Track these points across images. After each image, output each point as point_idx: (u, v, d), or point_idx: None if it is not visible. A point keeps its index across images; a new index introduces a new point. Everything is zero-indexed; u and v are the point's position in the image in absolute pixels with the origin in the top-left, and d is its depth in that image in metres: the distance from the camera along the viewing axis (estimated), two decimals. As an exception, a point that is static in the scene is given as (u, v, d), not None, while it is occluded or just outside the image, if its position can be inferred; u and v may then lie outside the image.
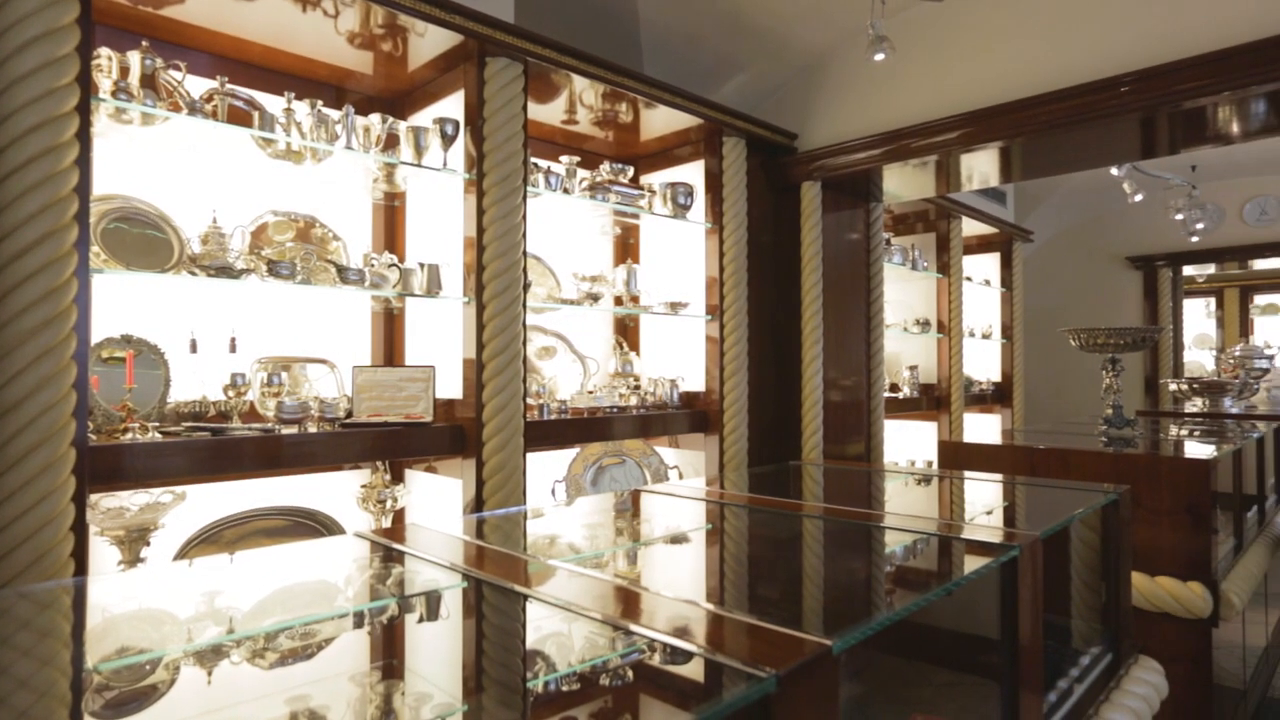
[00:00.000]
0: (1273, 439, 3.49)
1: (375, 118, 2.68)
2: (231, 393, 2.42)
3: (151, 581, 1.34)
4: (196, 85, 2.50)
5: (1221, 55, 2.64)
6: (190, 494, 2.39)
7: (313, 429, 2.47)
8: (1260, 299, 8.13)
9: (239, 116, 2.48)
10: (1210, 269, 7.99)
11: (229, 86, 2.43)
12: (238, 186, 2.67)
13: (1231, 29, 2.68)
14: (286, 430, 2.39)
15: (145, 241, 2.33)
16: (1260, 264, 7.79)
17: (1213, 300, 8.35)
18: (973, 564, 1.26)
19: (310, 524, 2.71)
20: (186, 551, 2.42)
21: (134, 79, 2.19)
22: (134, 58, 2.20)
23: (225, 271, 2.31)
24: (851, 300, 4.31)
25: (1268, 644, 3.33)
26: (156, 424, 2.24)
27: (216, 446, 2.16)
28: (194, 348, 2.49)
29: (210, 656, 0.94)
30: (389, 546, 1.36)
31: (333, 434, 2.44)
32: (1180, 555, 2.24)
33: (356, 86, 2.95)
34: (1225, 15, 2.71)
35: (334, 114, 2.61)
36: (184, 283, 2.42)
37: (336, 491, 2.84)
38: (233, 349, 2.57)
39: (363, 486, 2.84)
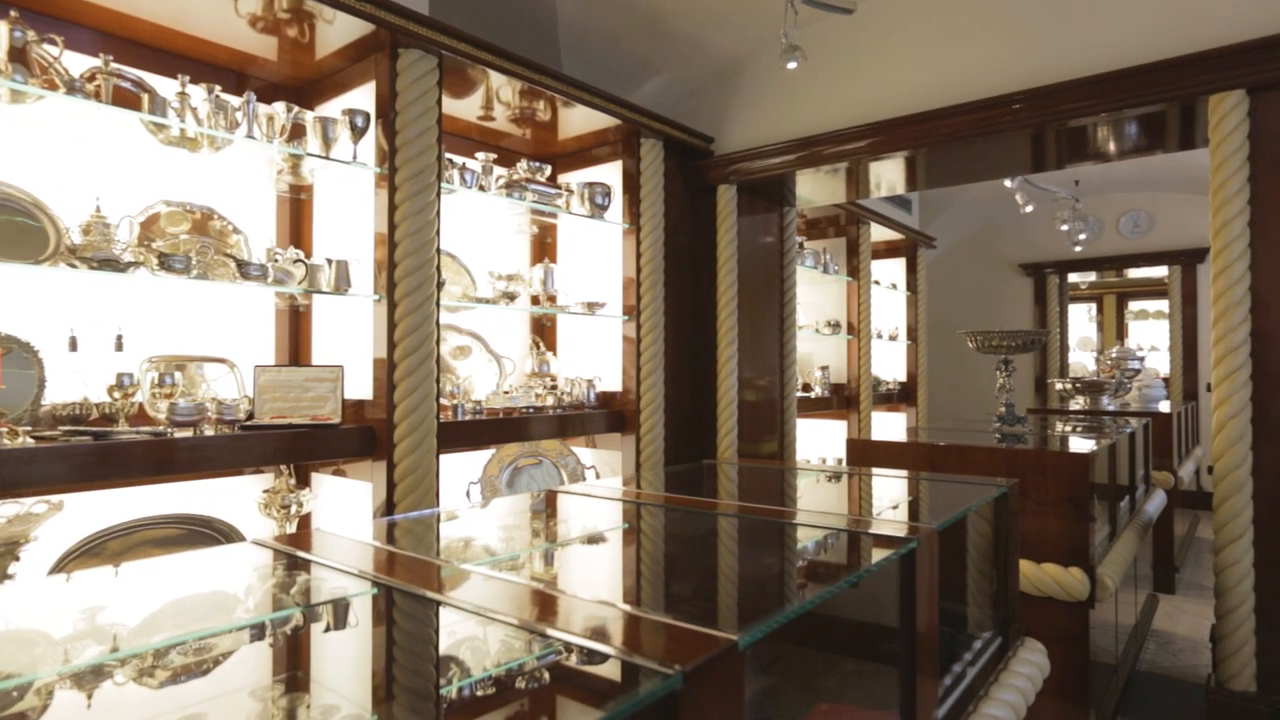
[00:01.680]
0: (1142, 434, 3.79)
1: (279, 106, 2.56)
2: (118, 394, 2.26)
3: (21, 599, 1.24)
4: (77, 63, 2.32)
5: (1100, 79, 2.86)
6: (69, 503, 2.22)
7: (210, 432, 2.34)
8: (1134, 305, 8.82)
9: (126, 99, 2.32)
10: (1091, 276, 8.62)
11: (114, 66, 2.27)
12: (126, 174, 2.50)
13: (1109, 55, 2.90)
14: (180, 433, 2.25)
15: (15, 230, 2.14)
16: (1134, 273, 8.47)
17: (1094, 305, 9.01)
18: (874, 557, 1.31)
19: (207, 532, 2.57)
20: (64, 565, 2.25)
21: (0, 52, 2.01)
22: (0, 29, 2.03)
23: (110, 264, 2.16)
24: (766, 302, 4.42)
25: (1136, 622, 3.62)
26: (29, 428, 2.07)
27: (99, 451, 2.02)
28: (74, 346, 2.32)
29: (90, 678, 0.88)
30: (293, 554, 1.31)
31: (232, 437, 2.32)
32: (1063, 543, 2.41)
33: (259, 73, 2.81)
34: (1103, 42, 2.93)
35: (234, 100, 2.48)
36: (62, 276, 2.24)
37: (237, 497, 2.70)
38: (119, 347, 2.40)
39: (265, 492, 2.71)
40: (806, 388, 5.38)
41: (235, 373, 2.70)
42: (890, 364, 6.61)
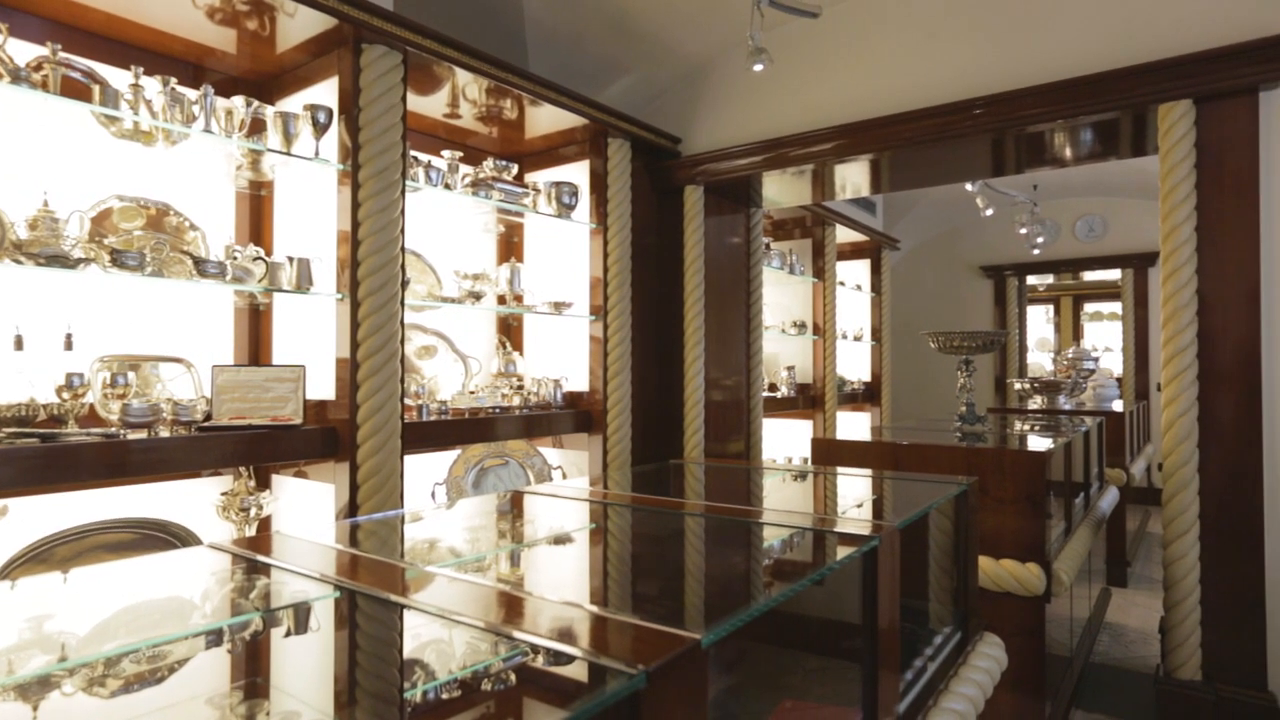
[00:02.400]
0: (1096, 432, 3.90)
1: (239, 100, 2.51)
2: (67, 394, 2.19)
3: (-35, 608, 1.19)
4: (23, 51, 2.24)
5: (1057, 86, 2.94)
6: (15, 508, 2.15)
7: (165, 433, 2.28)
8: (1089, 307, 9.08)
9: (76, 90, 2.25)
10: (1049, 279, 8.84)
11: (63, 55, 2.20)
12: (76, 167, 2.42)
13: (1066, 63, 2.98)
14: (134, 435, 2.19)
15: (-40, 225, 2.07)
16: (1089, 276, 8.71)
17: (1051, 307, 9.24)
18: (837, 555, 1.33)
19: (162, 536, 2.50)
20: (9, 572, 2.17)
21: (-54, 41, 1.94)
22: (-54, 17, 1.95)
23: (59, 260, 2.09)
24: (732, 302, 4.45)
25: (1090, 615, 3.72)
26: (-26, 430, 2.00)
27: (47, 454, 1.95)
28: (19, 345, 2.24)
29: (36, 689, 0.85)
30: (252, 558, 1.28)
31: (188, 438, 2.26)
32: (1021, 539, 2.47)
33: (218, 66, 2.74)
34: (1061, 51, 3.01)
35: (191, 93, 2.42)
36: (7, 272, 2.17)
37: (194, 501, 2.64)
38: (68, 346, 2.33)
39: (224, 494, 2.65)
40: (773, 388, 5.43)
41: (192, 373, 2.63)
42: (855, 364, 6.70)
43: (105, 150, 2.46)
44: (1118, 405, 5.12)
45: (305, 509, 2.72)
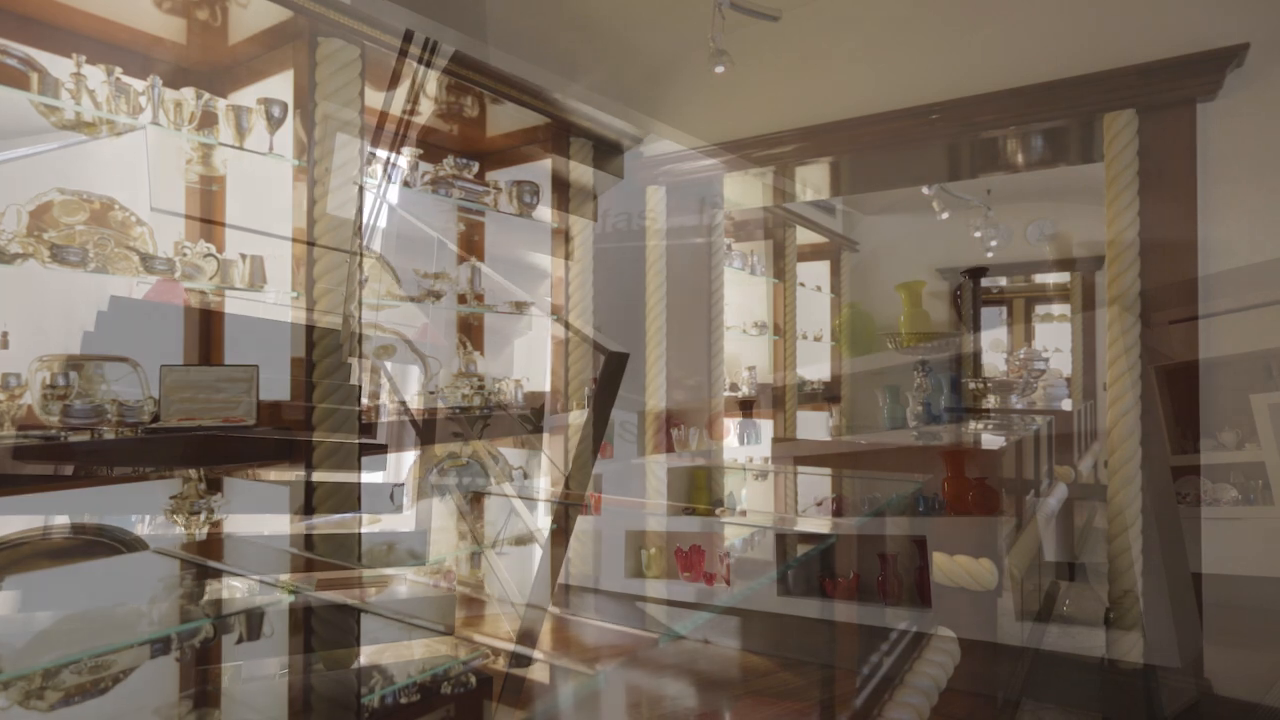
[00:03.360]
0: (1046, 430, 4.02)
1: (189, 92, 2.43)
2: (3, 395, 2.10)
3: (-107, 619, 1.14)
4: (-41, 38, 2.15)
5: (1011, 93, 3.02)
6: (-51, 514, 2.05)
7: (110, 435, 2.20)
8: (1040, 309, 9.32)
9: (12, 77, 2.16)
10: (1002, 281, 9.05)
11: None
12: (13, 159, 2.32)
13: (1021, 71, 3.06)
14: (76, 437, 2.11)
15: (-112, 217, 1.97)
16: (1040, 278, 8.94)
17: (1004, 309, 9.47)
18: (796, 552, 1.35)
19: (105, 542, 2.42)
20: (-57, 581, 2.07)
21: (-128, 24, 1.85)
22: (-128, -1, 1.86)
23: (-4, 256, 2.01)
24: (694, 302, 4.47)
25: (1039, 607, 3.83)
26: (-98, 433, 1.90)
27: (-16, 458, 1.87)
28: (-46, 343, 2.14)
29: (-31, 702, 0.81)
30: (202, 563, 1.25)
31: (134, 440, 2.19)
32: (973, 535, 2.53)
33: (166, 56, 2.66)
34: (1016, 60, 3.09)
35: (138, 84, 2.34)
36: (-59, 267, 2.07)
37: (141, 504, 2.55)
38: (4, 345, 2.23)
39: (172, 498, 2.57)
40: (734, 387, 5.47)
41: (139, 373, 2.55)
42: (815, 364, 6.78)
43: (45, 141, 2.37)
44: (1067, 404, 5.27)
45: (259, 512, 2.66)
